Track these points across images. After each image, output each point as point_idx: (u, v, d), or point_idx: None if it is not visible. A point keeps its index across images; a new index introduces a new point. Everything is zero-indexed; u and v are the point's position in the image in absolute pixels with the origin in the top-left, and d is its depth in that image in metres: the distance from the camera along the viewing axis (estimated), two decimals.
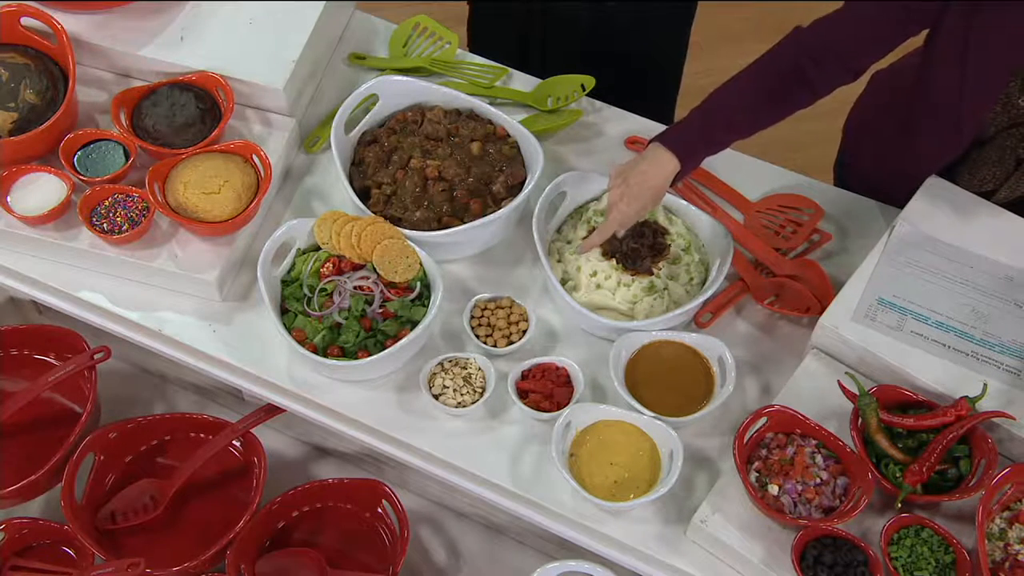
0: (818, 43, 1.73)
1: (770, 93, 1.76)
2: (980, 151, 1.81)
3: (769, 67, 1.76)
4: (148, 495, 2.09)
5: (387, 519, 2.11)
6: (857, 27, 1.72)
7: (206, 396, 2.33)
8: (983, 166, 1.82)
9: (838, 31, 1.73)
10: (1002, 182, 1.82)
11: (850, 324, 1.73)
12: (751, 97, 1.76)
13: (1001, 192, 1.83)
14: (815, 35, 1.74)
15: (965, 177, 1.85)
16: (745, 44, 1.80)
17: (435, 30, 2.13)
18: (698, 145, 1.78)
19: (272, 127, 1.96)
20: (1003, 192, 1.83)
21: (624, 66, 2.31)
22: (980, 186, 1.84)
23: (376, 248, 1.78)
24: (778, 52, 1.76)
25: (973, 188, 1.85)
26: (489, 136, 1.94)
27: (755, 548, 1.61)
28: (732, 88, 1.77)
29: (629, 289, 1.81)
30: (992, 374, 1.68)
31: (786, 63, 1.74)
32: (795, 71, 1.73)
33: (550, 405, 1.73)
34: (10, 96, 1.87)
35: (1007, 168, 1.80)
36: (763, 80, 1.76)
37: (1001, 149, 1.78)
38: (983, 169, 1.82)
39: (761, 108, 1.77)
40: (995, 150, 1.79)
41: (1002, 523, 1.61)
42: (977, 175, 1.84)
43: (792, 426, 1.68)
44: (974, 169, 1.83)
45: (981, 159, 1.82)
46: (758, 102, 1.76)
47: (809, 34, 1.74)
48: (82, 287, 1.87)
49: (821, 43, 1.73)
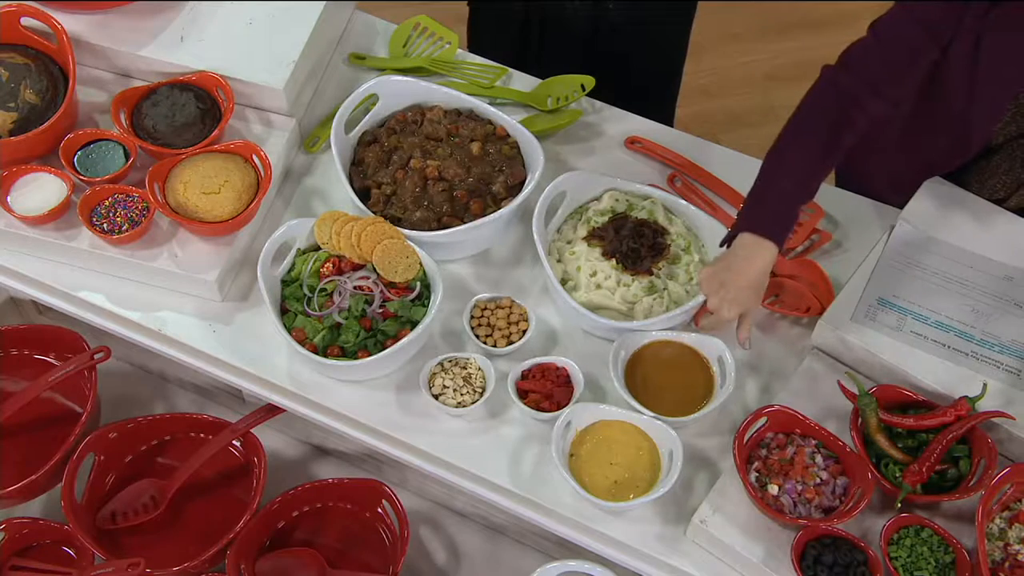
0: (851, 82, 1.66)
1: (823, 149, 1.68)
2: (989, 160, 1.81)
3: (812, 121, 1.69)
4: (148, 495, 2.09)
5: (387, 519, 2.11)
6: (887, 56, 1.66)
7: (206, 396, 2.34)
8: (992, 176, 1.82)
9: (869, 64, 1.66)
10: (1012, 191, 1.82)
11: (850, 324, 1.73)
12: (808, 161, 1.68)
13: (1011, 201, 1.83)
14: (847, 74, 1.67)
15: (974, 187, 1.85)
16: (745, 44, 1.79)
17: (435, 30, 2.13)
18: (786, 218, 1.67)
19: (272, 127, 1.96)
20: (1013, 200, 1.83)
21: (624, 66, 2.31)
22: (990, 195, 1.84)
23: (376, 248, 1.78)
24: (817, 101, 1.69)
25: (983, 196, 1.84)
26: (489, 136, 1.94)
27: (755, 548, 1.61)
28: (786, 154, 1.69)
29: (629, 289, 1.81)
30: (992, 374, 1.68)
31: (824, 116, 1.67)
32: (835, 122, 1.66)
33: (550, 405, 1.73)
34: (10, 96, 1.87)
35: (1017, 177, 1.80)
36: (808, 138, 1.68)
37: (1011, 159, 1.78)
38: (992, 179, 1.82)
39: (819, 166, 1.69)
40: (1005, 159, 1.79)
41: (1002, 523, 1.61)
42: (987, 185, 1.83)
43: (792, 426, 1.68)
44: (983, 178, 1.83)
45: (990, 169, 1.81)
46: (814, 162, 1.68)
47: (841, 74, 1.67)
48: (82, 287, 1.87)
49: (854, 81, 1.66)
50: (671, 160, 2.01)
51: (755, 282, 1.67)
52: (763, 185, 1.70)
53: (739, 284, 1.67)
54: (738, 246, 1.68)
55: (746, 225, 1.68)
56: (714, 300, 1.70)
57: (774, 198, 1.68)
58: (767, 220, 1.67)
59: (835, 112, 1.66)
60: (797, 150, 1.69)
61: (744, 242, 1.67)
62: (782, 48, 2.77)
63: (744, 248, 1.67)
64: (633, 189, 1.91)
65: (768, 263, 1.66)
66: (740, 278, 1.66)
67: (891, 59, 1.67)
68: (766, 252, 1.65)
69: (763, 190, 1.69)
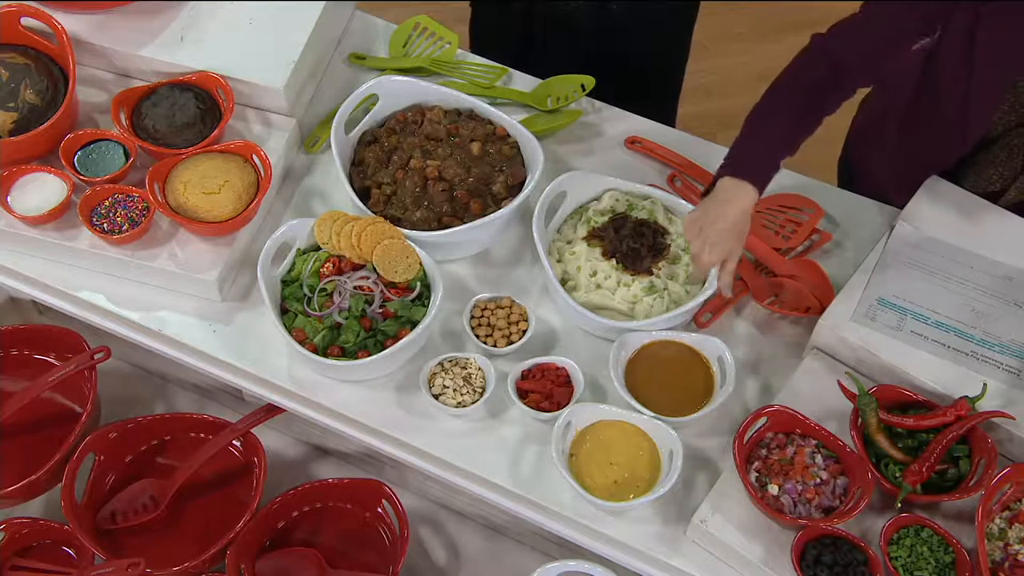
0: (841, 51, 1.70)
1: (803, 109, 1.72)
2: (987, 151, 1.81)
3: (795, 82, 1.73)
4: (148, 495, 2.09)
5: (387, 519, 2.11)
6: (877, 33, 1.70)
7: (206, 396, 2.34)
8: (990, 166, 1.82)
9: (859, 38, 1.70)
10: (1010, 182, 1.82)
11: (850, 324, 1.73)
12: (786, 118, 1.72)
13: (1010, 192, 1.83)
14: (837, 43, 1.71)
15: (971, 177, 1.85)
16: (746, 43, 1.79)
17: (435, 30, 2.13)
18: (767, 165, 1.70)
19: (272, 127, 1.96)
20: (1012, 192, 1.83)
21: (626, 66, 2.30)
22: (987, 186, 1.84)
23: (376, 248, 1.78)
24: (801, 65, 1.73)
25: (980, 188, 1.84)
26: (489, 136, 1.94)
27: (755, 548, 1.61)
28: (768, 111, 1.73)
29: (629, 289, 1.81)
30: (992, 374, 1.68)
31: (811, 76, 1.71)
32: (821, 83, 1.70)
33: (550, 405, 1.73)
34: (10, 96, 1.87)
35: (1015, 168, 1.80)
36: (793, 97, 1.72)
37: (1009, 148, 1.78)
38: (990, 169, 1.82)
39: (801, 126, 1.72)
40: (1003, 149, 1.79)
41: (1002, 523, 1.61)
42: (984, 175, 1.83)
43: (792, 426, 1.68)
44: (981, 169, 1.83)
45: (988, 159, 1.81)
46: (793, 121, 1.72)
47: (831, 42, 1.71)
48: (82, 287, 1.87)
49: (844, 51, 1.70)
50: (671, 160, 2.01)
51: (735, 225, 1.68)
52: (745, 137, 1.72)
53: (719, 227, 1.68)
54: (719, 190, 1.70)
55: (726, 171, 1.70)
56: (696, 244, 1.71)
57: (756, 147, 1.71)
58: (747, 164, 1.70)
59: (822, 80, 1.70)
60: (781, 111, 1.71)
61: (724, 185, 1.69)
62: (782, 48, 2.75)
63: (724, 191, 1.69)
64: (633, 189, 1.91)
65: (748, 205, 1.68)
66: (720, 221, 1.68)
67: (881, 36, 1.70)
68: (745, 195, 1.67)
69: (745, 141, 1.72)
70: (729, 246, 1.70)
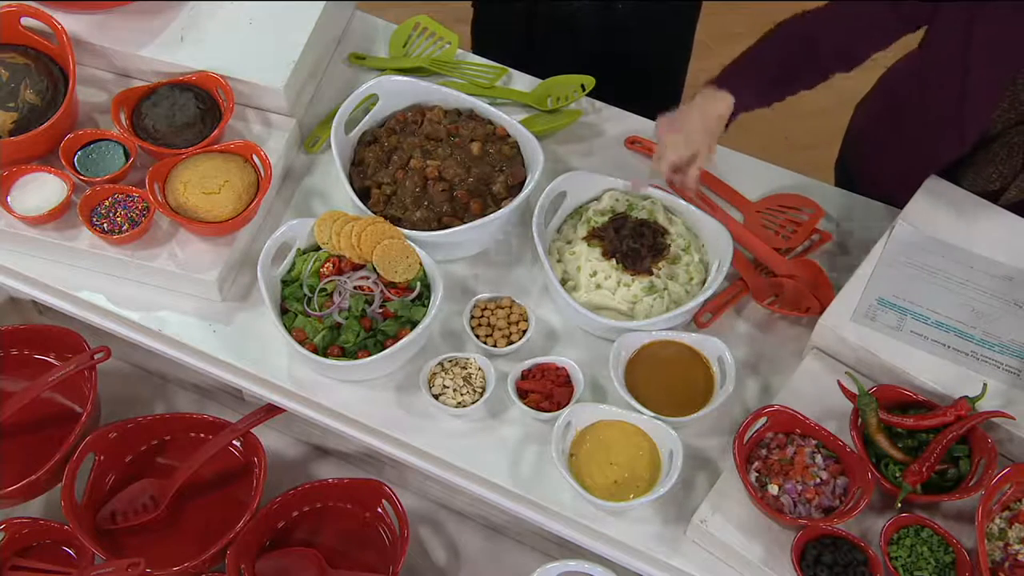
0: (810, 35, 1.75)
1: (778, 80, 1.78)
2: (986, 149, 1.80)
3: (768, 54, 1.78)
4: (148, 495, 2.09)
5: (387, 519, 2.11)
6: (848, 23, 1.74)
7: (206, 396, 2.34)
8: (989, 164, 1.81)
9: (830, 25, 1.75)
10: (1010, 180, 1.81)
11: (850, 324, 1.73)
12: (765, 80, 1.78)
13: (1010, 191, 1.83)
14: (810, 26, 1.76)
15: (971, 176, 1.85)
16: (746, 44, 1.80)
17: (435, 30, 2.13)
18: (750, 82, 1.75)
19: (272, 127, 1.96)
20: (1012, 191, 1.82)
21: (628, 66, 2.30)
22: (986, 185, 1.84)
23: (376, 248, 1.78)
24: (774, 41, 1.78)
25: (979, 186, 1.84)
26: (489, 136, 1.94)
27: (755, 548, 1.61)
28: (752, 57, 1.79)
29: (629, 289, 1.81)
30: (992, 374, 1.68)
31: (782, 52, 1.76)
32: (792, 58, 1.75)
33: (550, 405, 1.73)
34: (10, 96, 1.87)
35: (1015, 166, 1.79)
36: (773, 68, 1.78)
37: (1008, 146, 1.78)
38: (989, 167, 1.82)
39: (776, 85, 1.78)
40: (1002, 147, 1.78)
41: (1002, 523, 1.61)
42: (983, 173, 1.83)
43: (792, 426, 1.68)
44: (980, 167, 1.83)
45: (988, 157, 1.81)
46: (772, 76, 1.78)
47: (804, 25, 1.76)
48: (82, 287, 1.87)
49: (813, 36, 1.75)
50: None
51: (707, 126, 1.73)
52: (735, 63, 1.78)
53: (690, 127, 1.72)
54: (698, 95, 1.75)
55: (710, 83, 1.75)
56: (666, 139, 1.74)
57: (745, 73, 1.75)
58: (732, 81, 1.74)
59: (786, 53, 1.75)
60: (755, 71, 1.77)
61: (703, 91, 1.74)
62: None
63: (702, 96, 1.74)
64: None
65: (723, 111, 1.72)
66: (693, 120, 1.73)
67: (855, 27, 1.74)
68: (721, 101, 1.72)
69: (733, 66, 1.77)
70: (699, 144, 1.73)
